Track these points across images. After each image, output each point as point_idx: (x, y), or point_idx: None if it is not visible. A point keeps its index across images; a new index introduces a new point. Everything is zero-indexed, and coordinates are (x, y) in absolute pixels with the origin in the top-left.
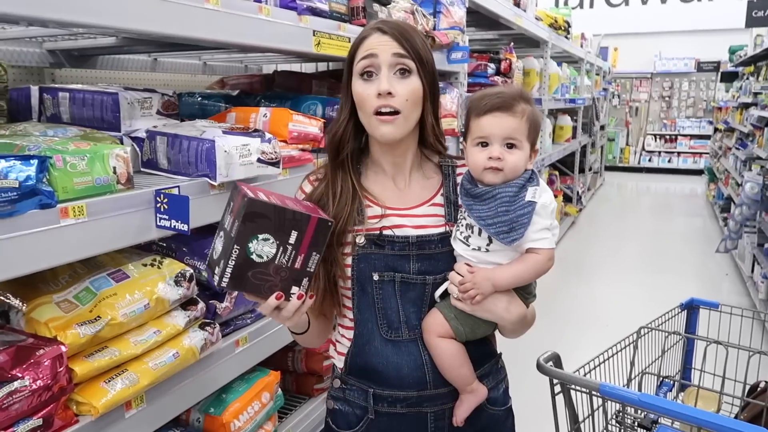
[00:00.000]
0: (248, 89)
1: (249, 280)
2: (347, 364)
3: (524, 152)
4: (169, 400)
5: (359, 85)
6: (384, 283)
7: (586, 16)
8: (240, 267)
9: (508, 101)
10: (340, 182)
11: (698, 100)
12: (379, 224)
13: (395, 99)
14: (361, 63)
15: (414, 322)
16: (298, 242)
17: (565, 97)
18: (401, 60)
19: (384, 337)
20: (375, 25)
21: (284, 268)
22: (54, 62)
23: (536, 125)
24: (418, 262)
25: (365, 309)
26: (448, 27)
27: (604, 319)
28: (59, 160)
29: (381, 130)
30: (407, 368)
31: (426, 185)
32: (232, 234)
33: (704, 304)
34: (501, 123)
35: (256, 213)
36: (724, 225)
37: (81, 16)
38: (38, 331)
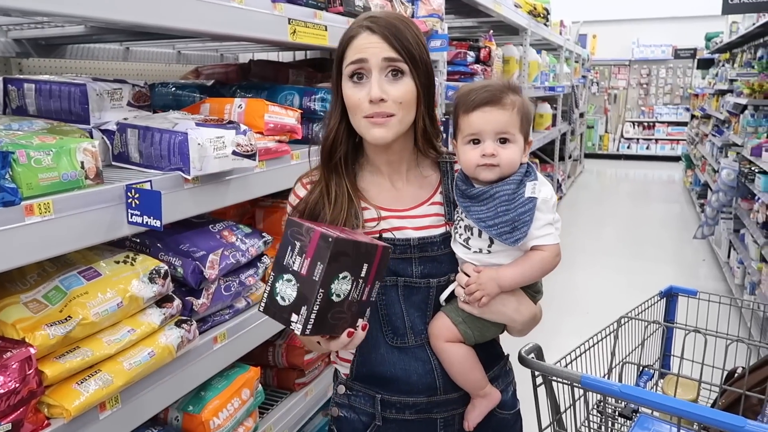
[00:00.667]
0: (224, 79)
1: (328, 322)
2: (353, 373)
3: (518, 146)
4: (145, 399)
5: (349, 88)
6: (387, 288)
7: (565, 3)
8: (323, 311)
9: (497, 94)
10: (335, 186)
11: (675, 87)
12: (378, 227)
13: (387, 104)
14: (350, 67)
15: (419, 327)
16: (367, 274)
17: (544, 84)
18: (392, 64)
19: (389, 344)
20: (364, 23)
21: (355, 302)
22: (20, 52)
23: (528, 116)
24: (421, 264)
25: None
26: (427, 15)
27: (584, 306)
28: (22, 155)
29: (372, 134)
30: (416, 374)
31: (423, 184)
32: (316, 278)
33: (683, 291)
34: (491, 117)
35: (340, 252)
36: (701, 211)
37: (42, 4)
38: (5, 333)
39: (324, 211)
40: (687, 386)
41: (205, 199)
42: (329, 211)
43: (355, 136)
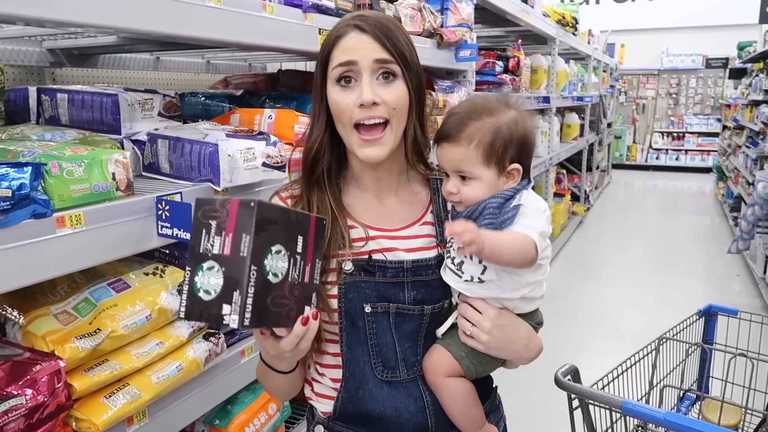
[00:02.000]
0: (252, 89)
1: (269, 309)
2: (337, 411)
3: (482, 181)
4: (172, 414)
5: (336, 92)
6: (377, 316)
7: (593, 12)
8: (260, 294)
9: (456, 127)
10: (317, 202)
11: (706, 97)
12: (366, 248)
13: (380, 108)
14: (337, 70)
15: (411, 359)
16: (304, 249)
17: (572, 94)
18: (384, 65)
19: (378, 377)
20: (352, 21)
21: (297, 285)
22: (54, 61)
23: (501, 143)
24: (414, 290)
25: (356, 346)
26: (456, 24)
27: (613, 321)
28: (55, 166)
29: (366, 153)
30: (407, 413)
31: (413, 202)
32: (243, 253)
33: (723, 310)
34: (446, 155)
35: (267, 219)
36: (734, 224)
37: (77, 15)
38: (35, 345)
39: None
40: (728, 411)
41: None
42: None
43: (339, 147)
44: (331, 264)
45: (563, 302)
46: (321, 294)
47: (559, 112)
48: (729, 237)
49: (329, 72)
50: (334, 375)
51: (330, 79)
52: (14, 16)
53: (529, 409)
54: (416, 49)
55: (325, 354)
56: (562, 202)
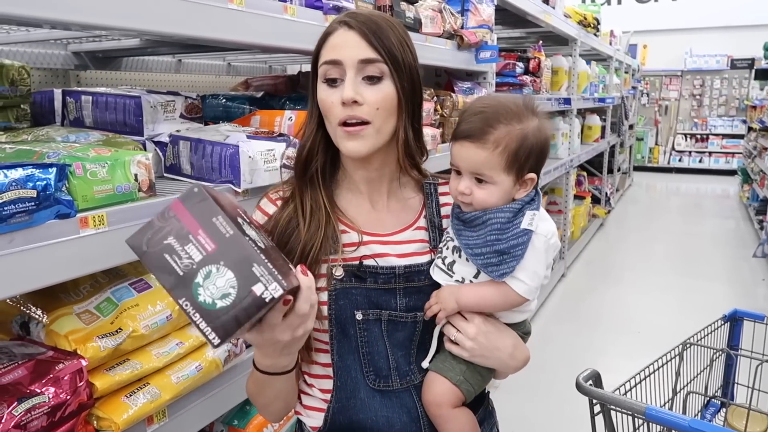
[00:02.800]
0: (273, 90)
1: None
2: (327, 423)
3: (499, 187)
4: (191, 413)
5: (323, 90)
6: (369, 323)
7: (615, 13)
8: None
9: (482, 127)
10: (310, 201)
11: (731, 99)
12: (357, 253)
13: (363, 108)
14: (323, 68)
15: (404, 368)
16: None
17: (593, 96)
18: (370, 66)
19: (370, 387)
20: (342, 18)
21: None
22: (79, 64)
23: (525, 152)
24: (406, 296)
25: (347, 355)
26: (477, 25)
27: (635, 325)
28: (79, 167)
29: (346, 145)
30: (400, 423)
31: (406, 206)
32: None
33: (749, 316)
34: (467, 155)
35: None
36: (759, 228)
37: (102, 18)
38: (58, 344)
39: (298, 230)
40: (754, 418)
41: None
42: (304, 229)
43: (333, 148)
44: (321, 269)
45: (584, 306)
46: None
47: (580, 113)
48: (754, 241)
49: (318, 69)
50: (323, 386)
51: (320, 78)
52: (41, 20)
53: (550, 414)
54: (436, 51)
55: (315, 364)
56: (582, 205)
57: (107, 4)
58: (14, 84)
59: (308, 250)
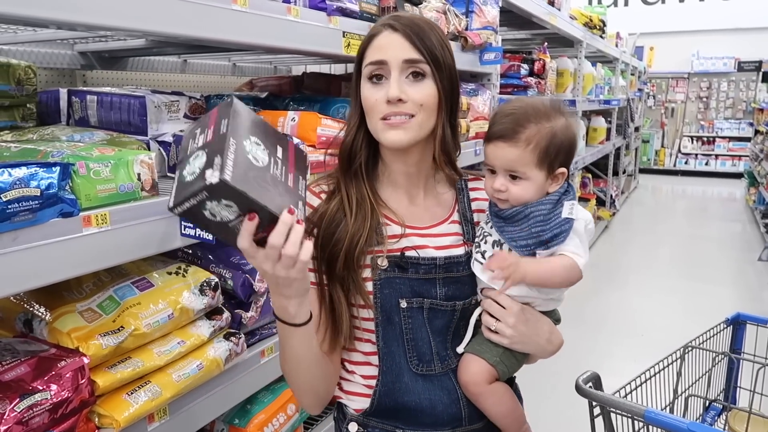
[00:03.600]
0: (277, 91)
1: (251, 180)
2: (374, 405)
3: (533, 182)
4: (192, 412)
5: (367, 89)
6: (412, 311)
7: (622, 15)
8: (241, 163)
9: (513, 127)
10: (356, 194)
11: (738, 101)
12: (398, 244)
13: (407, 105)
14: (369, 68)
15: (443, 353)
16: (285, 159)
17: (599, 98)
18: (414, 65)
19: (414, 371)
20: (386, 21)
21: (280, 182)
22: (85, 64)
23: (555, 148)
24: (445, 286)
25: (392, 341)
26: (481, 27)
27: (638, 328)
28: (82, 166)
29: (388, 136)
30: (442, 404)
31: (441, 201)
32: (223, 130)
33: (752, 319)
34: (500, 154)
35: (243, 113)
36: (765, 231)
37: (106, 19)
38: (60, 341)
39: (345, 221)
40: (756, 422)
41: None
42: (351, 221)
43: (374, 144)
44: (366, 260)
45: (588, 308)
46: (361, 289)
47: (585, 115)
48: (760, 244)
49: (363, 69)
50: (364, 372)
51: (363, 76)
52: (48, 20)
53: (551, 416)
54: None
55: (356, 352)
56: (588, 207)
57: (112, 5)
58: (20, 83)
59: (356, 241)
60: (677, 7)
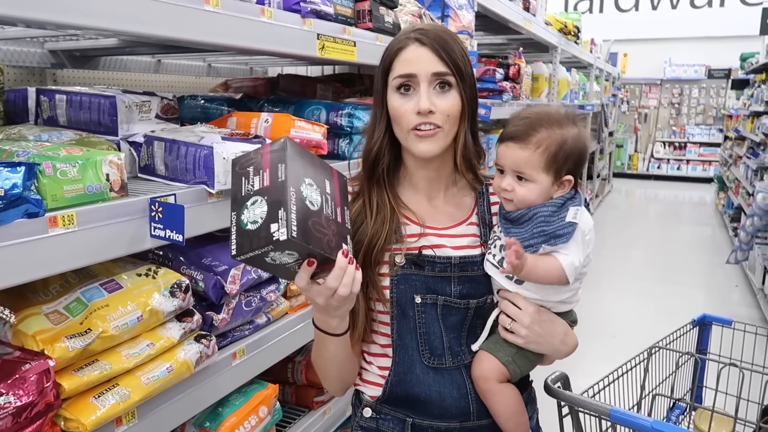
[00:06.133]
0: (252, 92)
1: (312, 232)
2: (386, 394)
3: (538, 185)
4: (162, 415)
5: (396, 99)
6: (426, 307)
7: (596, 21)
8: (301, 214)
9: (526, 130)
10: (377, 198)
11: (708, 108)
12: (416, 243)
13: (436, 116)
14: (398, 80)
15: (456, 348)
16: (332, 192)
17: (574, 103)
18: (441, 77)
19: (425, 364)
20: (413, 35)
21: (332, 220)
22: (55, 63)
23: (564, 155)
24: (460, 284)
25: (405, 334)
26: (456, 31)
27: (610, 329)
28: (49, 166)
29: (419, 147)
30: (451, 398)
31: (460, 204)
32: (282, 177)
33: (717, 320)
34: (510, 154)
35: (297, 152)
36: (734, 235)
37: (77, 18)
38: (25, 344)
39: (366, 222)
40: (721, 421)
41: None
42: (371, 223)
43: (396, 149)
44: (385, 257)
45: None
46: (376, 285)
47: None
48: (729, 247)
49: (390, 80)
50: (381, 363)
51: (390, 87)
52: (15, 18)
53: None
54: None
55: (373, 344)
56: None
57: (82, 4)
58: None
59: (375, 242)
60: (650, 14)
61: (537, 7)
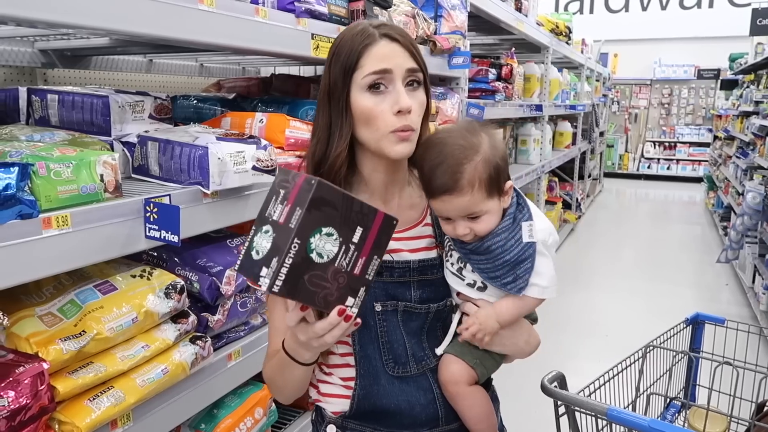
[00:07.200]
0: (245, 92)
1: (304, 286)
2: (353, 409)
3: (492, 212)
4: (157, 417)
5: (368, 99)
6: (387, 314)
7: (587, 22)
8: (297, 267)
9: (451, 178)
10: None
11: (697, 108)
12: None
13: (411, 116)
14: (370, 77)
15: (419, 354)
16: (361, 241)
17: (565, 103)
18: (413, 74)
19: (390, 374)
20: (380, 30)
21: (343, 273)
22: (46, 62)
23: (497, 168)
24: (420, 288)
25: (368, 344)
26: (450, 31)
27: (602, 329)
28: (42, 167)
29: (396, 149)
30: (419, 405)
31: (414, 205)
32: (292, 224)
33: (710, 319)
34: (451, 206)
35: (324, 200)
36: (723, 234)
37: (69, 17)
38: (19, 346)
39: None
40: (714, 419)
41: (224, 214)
42: None
43: (351, 153)
44: None
45: (553, 310)
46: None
47: (552, 120)
48: (719, 246)
49: (358, 79)
50: (342, 374)
51: (358, 87)
52: (5, 17)
53: (516, 416)
54: None
55: (332, 354)
56: (554, 210)
57: (74, 3)
58: None
59: None
60: (640, 15)
61: (529, 8)
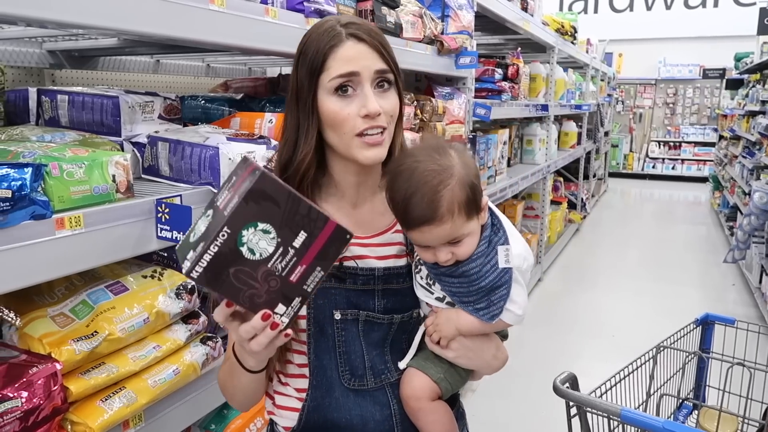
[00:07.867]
0: (252, 93)
1: (227, 279)
2: (301, 422)
3: (474, 233)
4: (168, 418)
5: (334, 102)
6: (347, 323)
7: (591, 22)
8: (223, 257)
9: (429, 208)
10: None
11: (703, 107)
12: None
13: (382, 117)
14: (336, 81)
15: (380, 367)
16: (303, 248)
17: (570, 103)
18: (383, 75)
19: (345, 386)
20: (344, 30)
21: (276, 276)
22: (54, 63)
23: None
24: (384, 298)
25: (323, 354)
26: (457, 31)
27: (609, 329)
28: (55, 167)
29: (366, 154)
30: (374, 421)
31: (386, 210)
32: (226, 212)
33: (720, 319)
34: (432, 236)
35: (265, 193)
36: (729, 234)
37: (80, 17)
38: (32, 347)
39: None
40: (725, 420)
41: None
42: None
43: (320, 156)
44: None
45: (559, 310)
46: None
47: (557, 120)
48: (725, 246)
49: (324, 82)
50: (298, 385)
51: (324, 90)
52: (17, 17)
53: (523, 416)
54: (417, 55)
55: (290, 364)
56: (559, 210)
57: (84, 3)
58: None
59: None
60: (645, 15)
61: (534, 8)
